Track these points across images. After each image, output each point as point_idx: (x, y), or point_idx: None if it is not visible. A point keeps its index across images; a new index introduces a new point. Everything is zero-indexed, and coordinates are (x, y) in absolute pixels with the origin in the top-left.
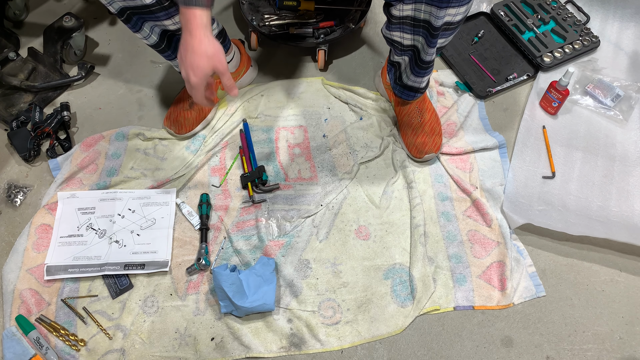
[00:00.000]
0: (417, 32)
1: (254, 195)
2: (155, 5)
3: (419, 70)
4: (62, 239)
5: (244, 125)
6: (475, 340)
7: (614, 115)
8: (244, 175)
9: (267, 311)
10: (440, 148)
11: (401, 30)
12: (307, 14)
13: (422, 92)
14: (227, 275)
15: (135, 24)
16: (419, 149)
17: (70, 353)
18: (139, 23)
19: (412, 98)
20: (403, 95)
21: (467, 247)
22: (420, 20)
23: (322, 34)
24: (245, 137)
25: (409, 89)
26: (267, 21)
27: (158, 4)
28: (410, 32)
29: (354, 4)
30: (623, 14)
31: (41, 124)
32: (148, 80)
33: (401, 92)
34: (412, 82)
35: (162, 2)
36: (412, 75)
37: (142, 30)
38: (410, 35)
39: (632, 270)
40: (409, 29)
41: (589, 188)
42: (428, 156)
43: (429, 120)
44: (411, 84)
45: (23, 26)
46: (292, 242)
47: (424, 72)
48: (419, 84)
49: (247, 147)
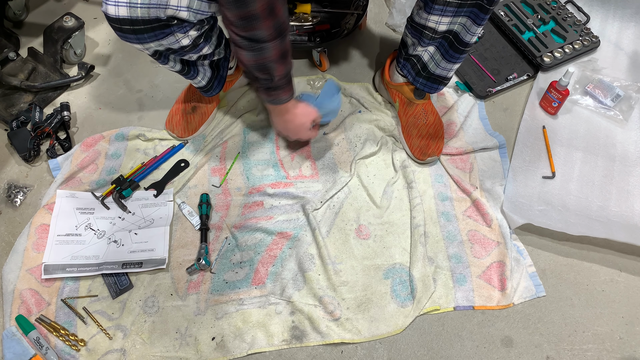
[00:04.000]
0: (460, 13)
1: (103, 197)
2: (190, 45)
3: (455, 54)
4: (59, 238)
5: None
6: (475, 340)
7: (614, 115)
8: (120, 179)
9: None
10: (442, 151)
11: (441, 13)
12: (304, 17)
13: (446, 83)
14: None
15: (164, 59)
16: (422, 151)
17: (70, 353)
18: (167, 57)
19: (434, 91)
20: (426, 88)
21: (467, 247)
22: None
23: (317, 37)
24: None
25: (435, 79)
26: None
27: (193, 44)
28: (452, 14)
29: (350, 8)
30: (623, 14)
31: (41, 124)
32: (148, 80)
33: (424, 85)
34: (441, 69)
35: (197, 42)
36: (444, 61)
37: (169, 62)
38: (450, 19)
39: (632, 270)
40: (452, 11)
41: (589, 188)
42: (430, 159)
43: (434, 123)
44: (439, 72)
45: (23, 26)
46: (299, 235)
47: (460, 57)
48: (447, 71)
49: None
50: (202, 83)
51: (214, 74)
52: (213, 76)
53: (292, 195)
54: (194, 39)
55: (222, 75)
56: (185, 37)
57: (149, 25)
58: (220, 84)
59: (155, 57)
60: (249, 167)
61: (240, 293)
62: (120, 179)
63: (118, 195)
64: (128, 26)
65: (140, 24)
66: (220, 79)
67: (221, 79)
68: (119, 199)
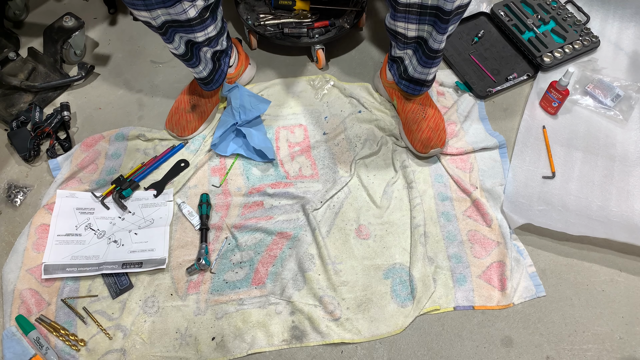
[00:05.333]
0: (423, 21)
1: (103, 197)
2: (197, 19)
3: (428, 60)
4: (59, 237)
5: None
6: (475, 340)
7: (614, 115)
8: (120, 179)
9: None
10: (445, 143)
11: (406, 20)
12: (303, 14)
13: (428, 86)
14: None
15: (170, 36)
16: (424, 144)
17: (70, 353)
18: (173, 35)
19: (417, 92)
20: (409, 90)
21: (467, 247)
22: (427, 7)
23: (316, 34)
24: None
25: (415, 82)
26: (263, 21)
27: (200, 17)
28: (416, 21)
29: (349, 4)
30: (623, 14)
31: (41, 124)
32: (148, 80)
33: (407, 87)
34: (419, 74)
35: (203, 16)
36: (420, 66)
37: (173, 42)
38: (415, 25)
39: (632, 270)
40: (414, 18)
41: (589, 188)
42: (434, 151)
43: (433, 116)
44: (418, 76)
45: (23, 26)
46: (299, 235)
47: (433, 63)
48: (425, 75)
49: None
50: (203, 74)
51: (215, 67)
52: (214, 69)
53: (292, 195)
54: (200, 11)
55: (223, 69)
56: (192, 8)
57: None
58: (221, 78)
59: (161, 31)
60: (249, 167)
61: (240, 293)
62: (120, 179)
63: (118, 195)
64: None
65: None
66: (221, 72)
67: (222, 73)
68: (119, 199)
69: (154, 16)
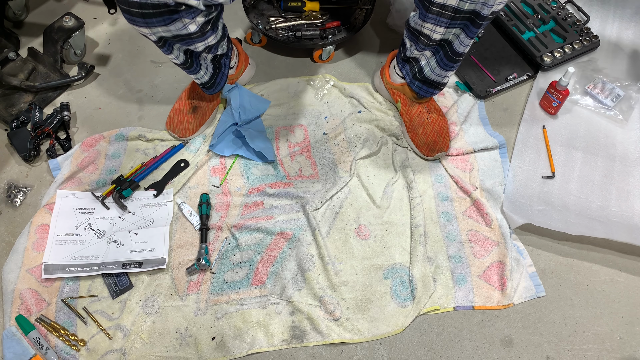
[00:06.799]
0: (454, 25)
1: (103, 197)
2: (198, 32)
3: (449, 63)
4: (59, 237)
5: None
6: (475, 340)
7: (614, 115)
8: (120, 179)
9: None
10: (449, 147)
11: (435, 23)
12: (313, 15)
13: (441, 89)
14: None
15: (169, 47)
16: (430, 148)
17: (70, 353)
18: (171, 46)
19: (429, 94)
20: (421, 92)
21: (467, 247)
22: (462, 12)
23: (329, 35)
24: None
25: (430, 84)
26: (273, 24)
27: (200, 31)
28: (446, 24)
29: (359, 3)
30: (623, 14)
31: (41, 124)
32: (148, 80)
33: (419, 88)
34: (435, 76)
35: (204, 29)
36: (439, 68)
37: (173, 52)
38: (444, 29)
39: (632, 270)
40: (445, 22)
41: (589, 188)
42: (439, 154)
43: (438, 120)
44: (434, 78)
45: (23, 26)
46: (299, 235)
47: (453, 66)
48: (442, 78)
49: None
50: (205, 79)
51: (215, 70)
52: (215, 72)
53: (292, 195)
54: (201, 26)
55: (224, 72)
56: (193, 23)
57: (157, 10)
58: (223, 81)
59: (159, 44)
60: (249, 167)
61: (240, 293)
62: (120, 179)
63: (118, 195)
64: (136, 9)
65: (149, 7)
66: (222, 75)
67: (223, 76)
68: (119, 199)
69: (153, 32)
